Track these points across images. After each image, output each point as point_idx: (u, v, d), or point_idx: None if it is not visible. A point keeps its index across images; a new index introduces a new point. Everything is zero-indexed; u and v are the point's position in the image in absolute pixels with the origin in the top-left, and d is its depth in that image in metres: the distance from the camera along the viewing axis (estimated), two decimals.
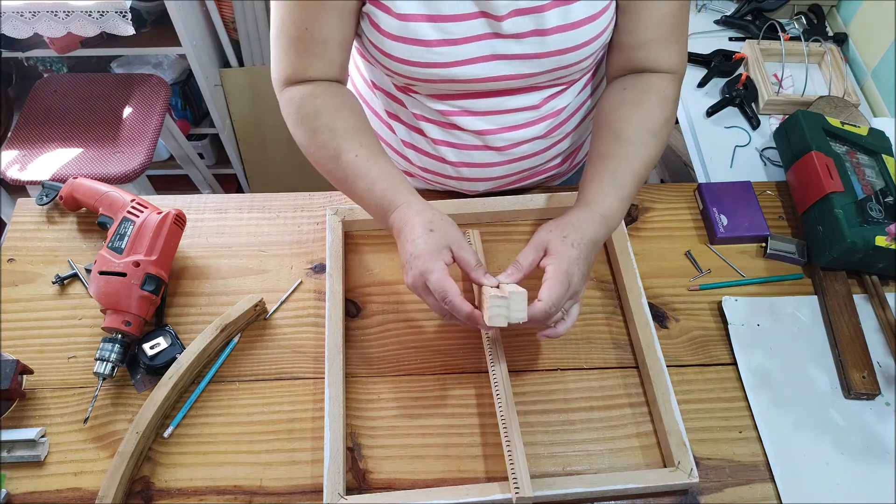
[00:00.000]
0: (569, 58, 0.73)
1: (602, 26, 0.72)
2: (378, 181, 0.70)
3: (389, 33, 0.70)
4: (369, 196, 0.71)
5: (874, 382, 0.75)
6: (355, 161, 0.71)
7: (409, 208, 0.68)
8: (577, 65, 0.74)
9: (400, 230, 0.68)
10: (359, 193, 0.72)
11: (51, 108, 1.69)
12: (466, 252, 0.66)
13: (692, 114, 1.22)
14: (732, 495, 0.69)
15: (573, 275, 0.65)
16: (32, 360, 0.76)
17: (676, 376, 0.76)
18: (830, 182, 0.84)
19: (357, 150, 0.71)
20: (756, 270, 0.86)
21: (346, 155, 0.71)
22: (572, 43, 0.71)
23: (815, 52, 1.26)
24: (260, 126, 2.05)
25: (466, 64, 0.72)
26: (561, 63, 0.73)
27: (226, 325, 0.76)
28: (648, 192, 0.94)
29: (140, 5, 1.69)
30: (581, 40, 0.71)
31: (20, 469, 0.69)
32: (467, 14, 0.69)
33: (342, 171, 0.72)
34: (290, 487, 0.69)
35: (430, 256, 0.65)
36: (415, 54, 0.71)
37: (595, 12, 0.70)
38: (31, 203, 0.89)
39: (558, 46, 0.71)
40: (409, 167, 0.92)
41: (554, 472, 0.70)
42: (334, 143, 0.72)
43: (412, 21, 0.69)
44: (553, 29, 0.69)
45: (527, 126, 0.82)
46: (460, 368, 0.77)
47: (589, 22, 0.70)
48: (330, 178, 0.75)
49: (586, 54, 0.73)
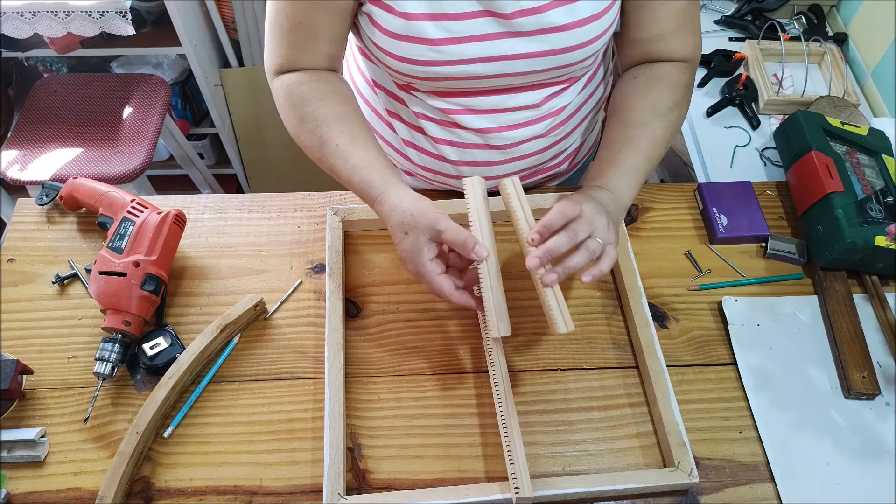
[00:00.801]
0: (573, 55, 0.73)
1: (606, 24, 0.72)
2: (356, 171, 0.71)
3: (392, 32, 0.70)
4: (352, 186, 0.72)
5: (874, 382, 0.75)
6: (336, 151, 0.72)
7: (383, 205, 0.69)
8: (581, 63, 0.75)
9: (386, 226, 0.69)
10: (345, 181, 0.73)
11: (51, 108, 1.69)
12: (452, 233, 0.65)
13: (692, 114, 1.22)
14: (732, 495, 0.69)
15: (588, 210, 0.66)
16: (32, 360, 0.76)
17: (676, 376, 0.76)
18: (830, 182, 0.84)
19: (338, 139, 0.72)
20: (756, 270, 0.86)
21: (328, 145, 0.72)
22: (577, 41, 0.71)
23: (815, 52, 1.26)
24: (260, 126, 2.04)
25: (471, 62, 0.72)
26: (564, 61, 0.74)
27: (226, 325, 0.76)
28: (648, 192, 0.94)
29: (140, 5, 1.69)
30: (586, 38, 0.71)
31: (20, 469, 0.69)
32: (472, 13, 0.69)
33: (328, 160, 0.73)
34: (290, 487, 0.69)
35: (414, 261, 0.66)
36: (418, 53, 0.71)
37: (600, 10, 0.70)
38: (31, 203, 0.89)
39: (563, 44, 0.71)
40: (410, 166, 0.92)
41: (554, 472, 0.70)
42: (318, 132, 0.72)
43: (416, 20, 0.69)
44: (560, 27, 0.70)
45: (527, 125, 0.82)
46: (460, 368, 0.77)
47: (595, 20, 0.71)
48: (321, 166, 0.75)
49: (590, 52, 0.73)
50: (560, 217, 0.65)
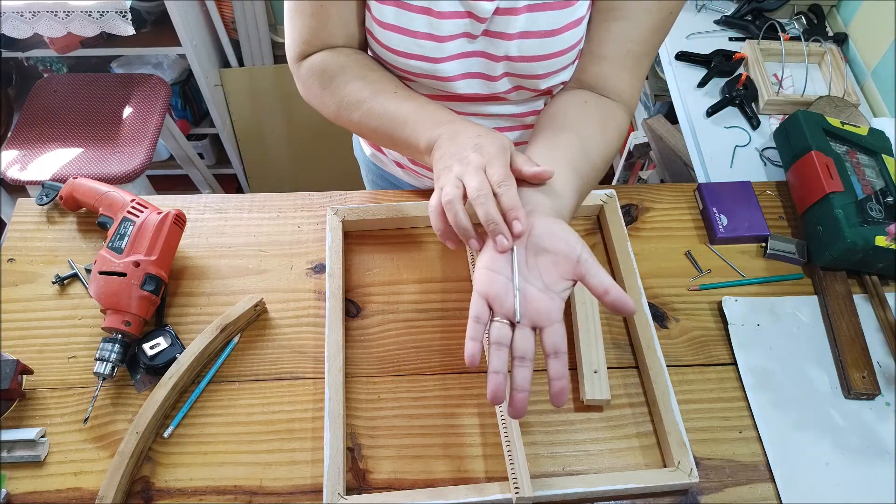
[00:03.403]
0: (535, 66, 0.72)
1: (566, 43, 0.70)
2: (427, 103, 0.70)
3: (384, 22, 0.70)
4: (414, 120, 0.68)
5: (874, 382, 0.75)
6: (395, 96, 0.70)
7: (457, 122, 0.66)
8: (548, 77, 0.74)
9: (456, 133, 0.64)
10: (401, 119, 0.69)
11: (51, 108, 1.69)
12: (517, 155, 0.62)
13: (692, 114, 1.22)
14: (732, 495, 0.69)
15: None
16: (32, 360, 0.76)
17: (676, 376, 0.76)
18: (830, 182, 0.84)
19: (396, 89, 0.71)
20: (756, 270, 0.86)
21: (383, 94, 0.70)
22: (537, 52, 0.70)
23: (815, 52, 1.26)
24: (260, 126, 2.05)
25: (447, 61, 0.73)
26: (528, 71, 0.73)
27: (226, 325, 0.76)
28: (649, 192, 0.94)
29: (140, 5, 1.69)
30: (546, 51, 0.70)
31: (20, 469, 0.69)
32: (455, 13, 0.69)
33: (379, 110, 0.70)
34: (290, 487, 0.69)
35: (505, 146, 0.61)
36: (402, 44, 0.71)
37: (558, 27, 0.69)
38: (31, 203, 0.89)
39: (522, 53, 0.71)
40: (406, 161, 0.94)
41: (554, 472, 0.70)
42: (369, 88, 0.71)
43: (408, 10, 0.69)
44: (517, 34, 0.69)
45: (508, 131, 0.83)
46: (460, 368, 0.77)
47: (552, 35, 0.69)
48: (362, 128, 0.73)
49: (554, 67, 0.72)
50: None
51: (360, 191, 0.93)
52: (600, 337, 0.77)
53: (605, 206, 0.87)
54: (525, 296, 0.57)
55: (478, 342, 0.55)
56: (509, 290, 0.57)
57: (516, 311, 0.56)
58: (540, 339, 0.57)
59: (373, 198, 0.91)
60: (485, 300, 0.57)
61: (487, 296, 0.57)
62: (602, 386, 0.73)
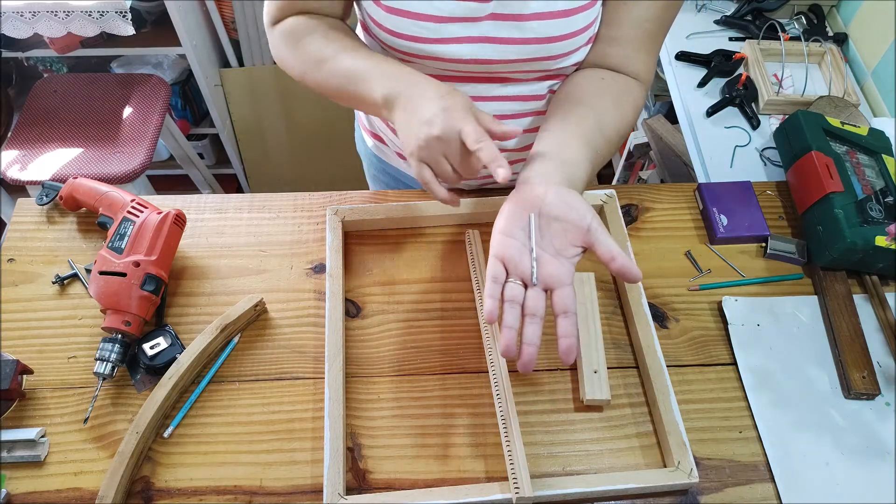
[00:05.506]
0: (550, 48, 0.72)
1: (583, 23, 0.71)
2: (384, 59, 0.70)
3: (383, 4, 0.70)
4: (371, 75, 0.69)
5: (874, 382, 0.75)
6: (356, 54, 0.71)
7: (415, 75, 0.68)
8: (562, 57, 0.74)
9: (415, 94, 0.66)
10: (359, 75, 0.70)
11: (51, 108, 1.69)
12: (481, 113, 0.64)
13: (692, 114, 1.22)
14: (732, 495, 0.69)
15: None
16: (32, 360, 0.76)
17: (676, 376, 0.76)
18: (830, 182, 0.84)
19: (357, 48, 0.72)
20: (756, 270, 0.86)
21: (344, 53, 0.71)
22: (553, 33, 0.71)
23: (815, 52, 1.26)
24: (260, 126, 2.05)
25: (450, 42, 0.72)
26: (542, 53, 0.73)
27: (226, 325, 0.76)
28: (649, 192, 0.94)
29: (140, 5, 1.69)
30: (562, 32, 0.71)
31: (20, 469, 0.69)
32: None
33: (339, 68, 0.71)
34: (290, 487, 0.69)
35: (467, 107, 0.63)
36: (402, 26, 0.71)
37: (575, 7, 0.70)
38: (31, 203, 0.89)
39: (538, 34, 0.71)
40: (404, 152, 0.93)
41: (554, 472, 0.70)
42: (331, 47, 0.72)
43: None
44: (532, 15, 0.70)
45: (514, 118, 0.82)
46: (460, 368, 0.77)
47: (569, 14, 0.70)
48: (325, 87, 0.74)
49: (569, 48, 0.73)
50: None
51: (360, 191, 0.93)
52: (600, 337, 0.77)
53: (605, 205, 0.87)
54: (538, 259, 0.61)
55: (495, 300, 0.59)
56: (524, 254, 0.61)
57: (533, 273, 0.61)
58: (550, 301, 0.61)
59: (373, 198, 0.92)
60: (501, 262, 0.61)
61: (503, 258, 0.61)
62: (602, 386, 0.73)
